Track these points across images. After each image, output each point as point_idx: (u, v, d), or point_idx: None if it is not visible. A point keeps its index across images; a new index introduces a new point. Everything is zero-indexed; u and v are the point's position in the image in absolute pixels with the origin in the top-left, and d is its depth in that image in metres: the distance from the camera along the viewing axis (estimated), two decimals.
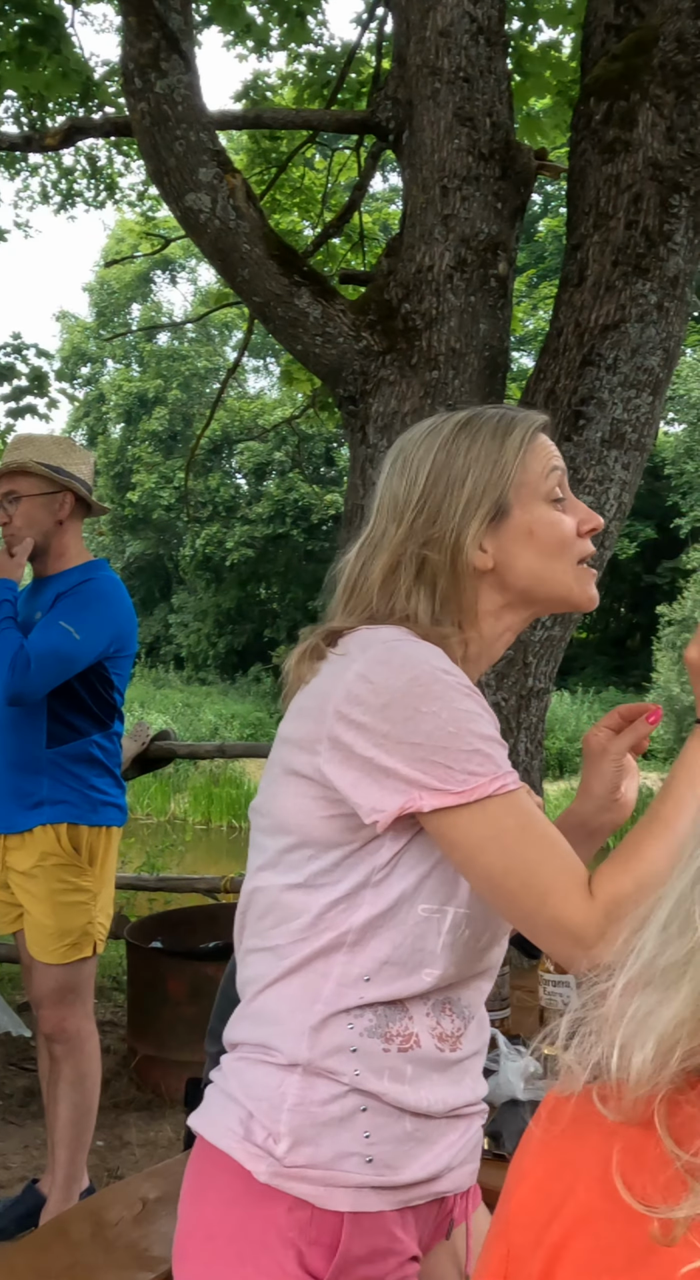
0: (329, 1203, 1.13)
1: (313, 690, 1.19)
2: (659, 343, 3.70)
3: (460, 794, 1.09)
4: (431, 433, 1.27)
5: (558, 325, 3.81)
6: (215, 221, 3.62)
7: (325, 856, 1.16)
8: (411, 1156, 1.16)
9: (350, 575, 1.26)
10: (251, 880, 1.24)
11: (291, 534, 27.65)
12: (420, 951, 1.15)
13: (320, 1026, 1.14)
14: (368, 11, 7.53)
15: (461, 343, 3.72)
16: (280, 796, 1.20)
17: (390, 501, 1.26)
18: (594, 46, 4.20)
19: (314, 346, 3.75)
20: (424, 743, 1.10)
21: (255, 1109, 1.15)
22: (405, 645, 1.15)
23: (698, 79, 3.83)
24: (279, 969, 1.17)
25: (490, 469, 1.23)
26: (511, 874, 1.10)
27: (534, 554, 1.24)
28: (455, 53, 3.80)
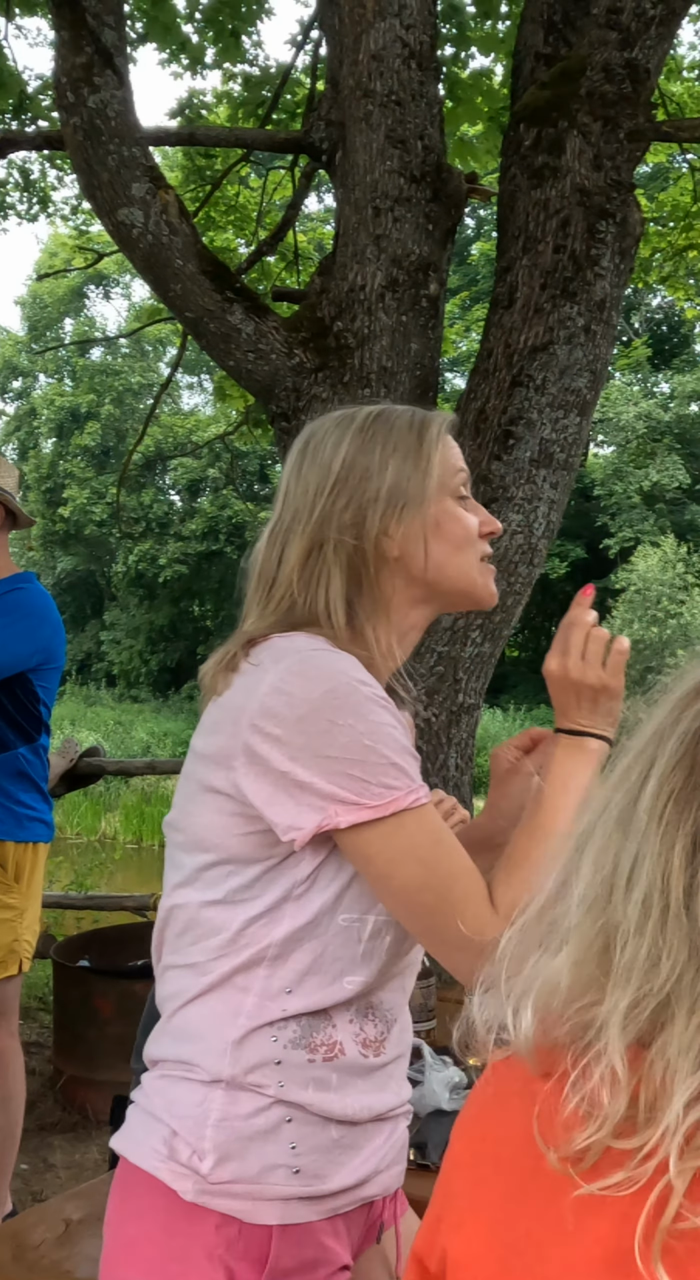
0: (256, 1217, 1.12)
1: (226, 703, 1.18)
2: (586, 364, 3.77)
3: (376, 808, 1.09)
4: (342, 422, 1.28)
5: (487, 346, 3.86)
6: (148, 237, 3.62)
7: (244, 872, 1.15)
8: (338, 1164, 1.16)
9: (265, 566, 1.25)
10: (169, 897, 1.23)
11: (225, 551, 27.57)
12: (341, 960, 1.15)
13: (242, 1041, 1.13)
14: (302, 33, 7.61)
15: (393, 361, 3.75)
16: (197, 813, 1.19)
17: (301, 489, 1.24)
18: (524, 74, 4.28)
19: (246, 363, 3.76)
20: (340, 756, 1.09)
21: (179, 1127, 1.14)
22: (320, 655, 1.14)
23: (624, 109, 3.93)
24: (199, 985, 1.16)
25: (407, 460, 1.24)
26: (427, 888, 1.10)
27: (442, 547, 1.25)
28: (387, 76, 3.85)
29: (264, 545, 1.26)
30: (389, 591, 1.24)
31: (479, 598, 1.30)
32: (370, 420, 1.26)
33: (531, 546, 3.67)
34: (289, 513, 1.25)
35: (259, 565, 1.26)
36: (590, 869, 0.72)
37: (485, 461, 3.68)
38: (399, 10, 3.88)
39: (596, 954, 0.70)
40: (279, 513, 1.27)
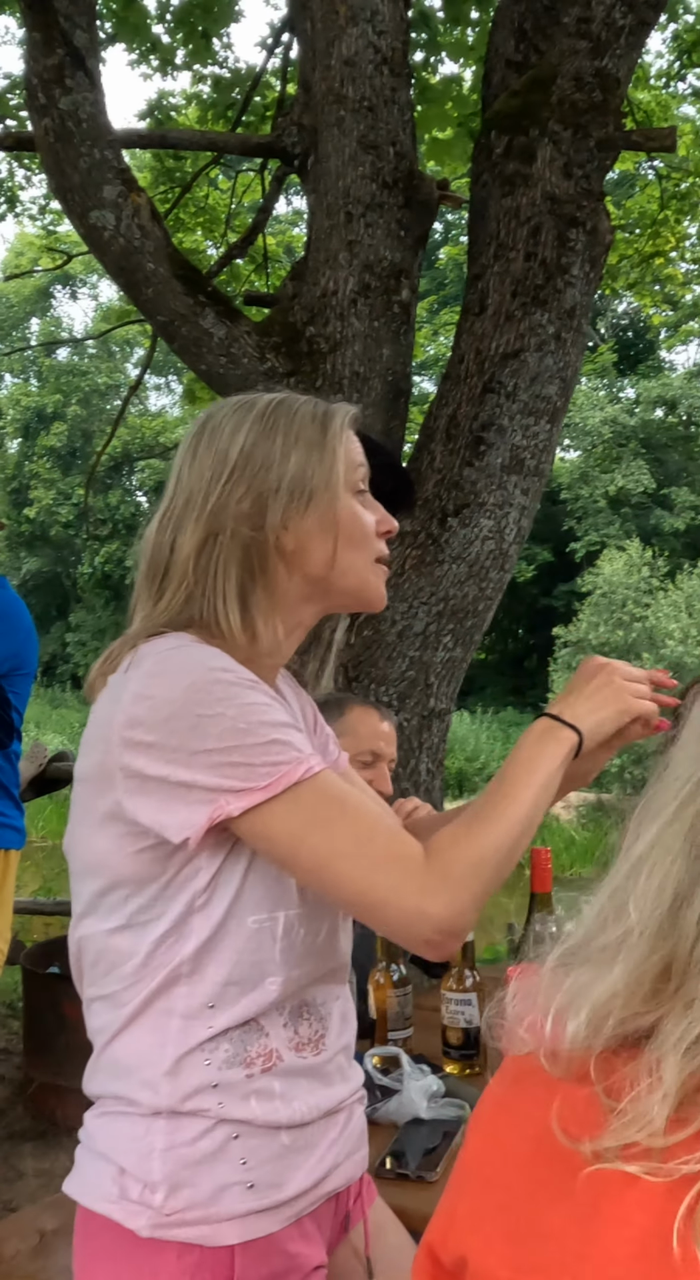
0: (216, 1240, 1.10)
1: (94, 719, 1.15)
2: (556, 372, 3.79)
3: (267, 787, 1.05)
4: (242, 408, 1.23)
5: (459, 352, 3.87)
6: (120, 239, 3.61)
7: (143, 893, 1.11)
8: (294, 1168, 1.14)
9: (156, 554, 1.20)
10: (76, 928, 1.19)
11: None
12: (259, 964, 1.12)
13: (175, 1070, 1.10)
14: (272, 36, 7.61)
15: (365, 367, 3.76)
16: (85, 838, 1.15)
17: (195, 474, 1.20)
18: (495, 81, 4.30)
19: (218, 366, 3.75)
20: (216, 746, 1.05)
21: (126, 1163, 1.11)
22: (178, 653, 1.11)
23: (594, 117, 3.96)
24: (121, 1017, 1.13)
25: (311, 452, 1.20)
26: (339, 856, 1.06)
27: (335, 542, 1.21)
28: (360, 82, 3.86)
29: (154, 532, 1.22)
30: (282, 586, 1.20)
31: (369, 598, 1.26)
32: (271, 408, 1.22)
33: (503, 552, 3.68)
34: (181, 498, 1.20)
35: (149, 553, 1.21)
36: (653, 894, 0.72)
37: (457, 467, 3.69)
38: (371, 16, 3.90)
39: (654, 976, 0.70)
40: (170, 498, 1.22)
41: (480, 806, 1.12)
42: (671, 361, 28.45)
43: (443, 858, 1.07)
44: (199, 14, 5.46)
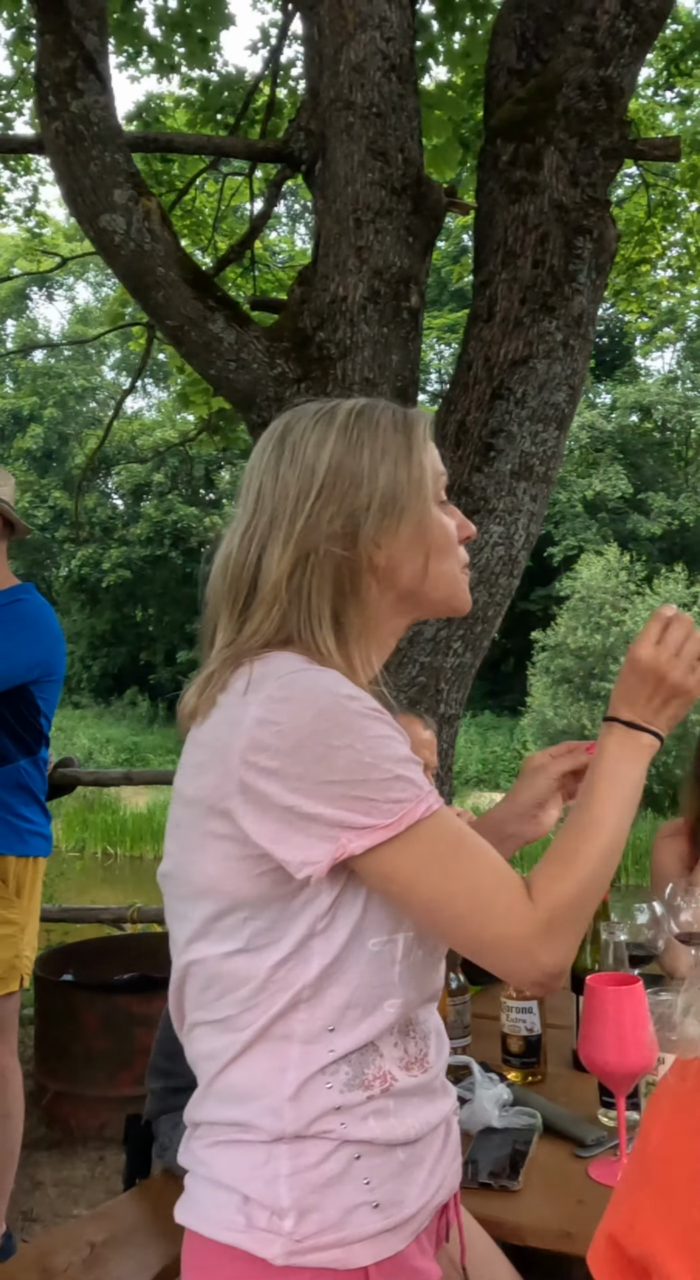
0: (350, 1262, 1.08)
1: (208, 740, 1.13)
2: (564, 379, 3.81)
3: (389, 826, 1.05)
4: (322, 419, 1.21)
5: (467, 359, 3.88)
6: (130, 244, 3.59)
7: (262, 916, 1.10)
8: (410, 1183, 1.14)
9: (241, 569, 1.18)
10: (183, 954, 1.17)
11: (170, 556, 27.39)
12: (378, 986, 1.11)
13: (297, 1096, 1.09)
14: (263, 41, 7.60)
15: (375, 373, 3.76)
16: (199, 862, 1.13)
17: (280, 490, 1.18)
18: (497, 89, 4.32)
19: (228, 371, 3.74)
20: (342, 779, 1.04)
21: (250, 1191, 1.09)
22: (302, 677, 1.09)
23: (599, 126, 3.98)
24: (238, 1042, 1.11)
25: (398, 466, 1.19)
26: (455, 897, 1.07)
27: (427, 555, 1.20)
28: (368, 88, 3.86)
29: (235, 548, 1.19)
30: (375, 603, 1.20)
31: (459, 605, 1.27)
32: (354, 419, 1.20)
33: (512, 558, 3.70)
34: (265, 515, 1.18)
35: (231, 570, 1.19)
36: None
37: (466, 473, 3.71)
38: (379, 23, 3.90)
39: None
40: (252, 513, 1.19)
41: (573, 837, 1.12)
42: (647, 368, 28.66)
43: (549, 901, 1.07)
44: (197, 17, 5.45)
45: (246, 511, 1.21)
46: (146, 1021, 3.27)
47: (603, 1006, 1.31)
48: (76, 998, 3.31)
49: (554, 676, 20.25)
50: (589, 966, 1.69)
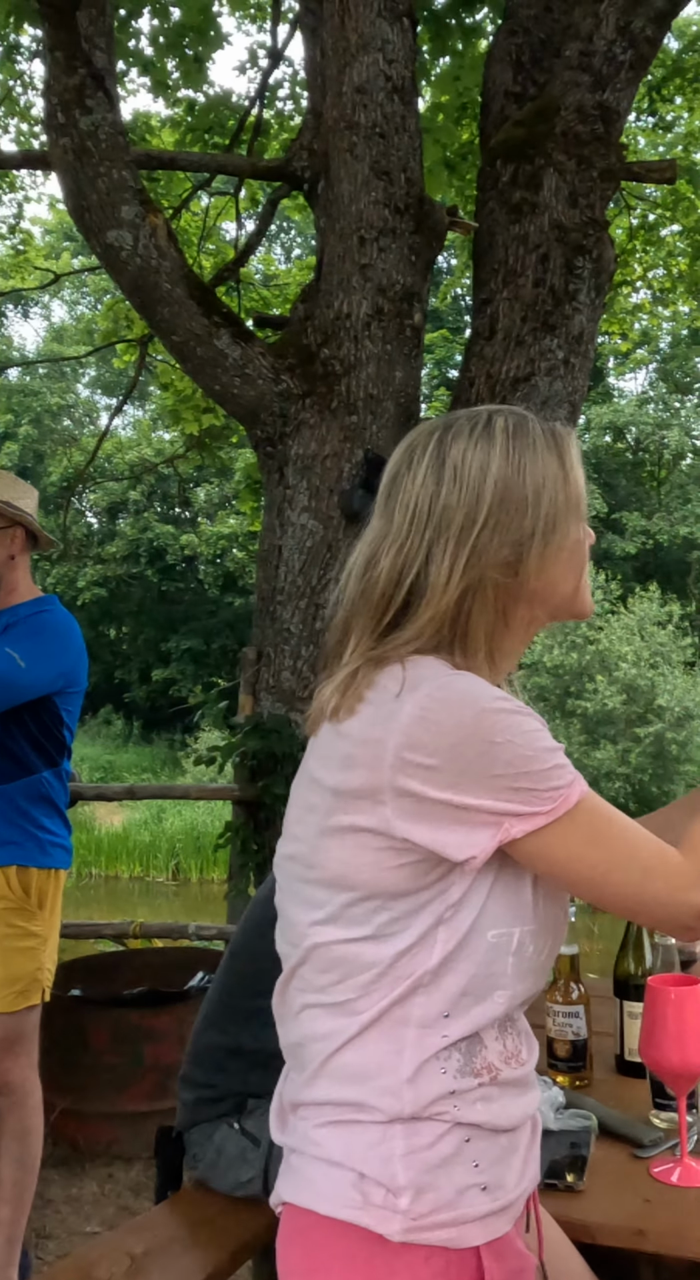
0: (464, 1241, 1.10)
1: (356, 734, 1.14)
2: (565, 396, 3.86)
3: (550, 811, 1.10)
4: (482, 436, 1.20)
5: (469, 376, 3.92)
6: (136, 260, 3.61)
7: (395, 906, 1.13)
8: (510, 1169, 1.16)
9: (394, 586, 1.17)
10: (307, 935, 1.18)
11: (146, 574, 27.29)
12: (492, 976, 1.14)
13: (414, 1078, 1.12)
14: (251, 62, 7.67)
15: (379, 389, 3.80)
16: (334, 850, 1.15)
17: (442, 510, 1.17)
18: (494, 111, 4.38)
19: (232, 387, 3.76)
20: (506, 772, 1.09)
21: (366, 1169, 1.11)
22: (457, 680, 1.12)
23: (597, 148, 4.05)
24: (355, 1024, 1.13)
25: (559, 491, 1.19)
26: (616, 867, 1.13)
27: (571, 572, 1.22)
28: (371, 109, 3.91)
29: (388, 565, 1.18)
30: (525, 620, 1.22)
31: (586, 611, 1.29)
32: (512, 437, 1.20)
33: None
34: (423, 534, 1.17)
35: (381, 585, 1.18)
36: None
37: None
38: (382, 44, 3.95)
39: None
40: (407, 529, 1.18)
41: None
42: (621, 388, 28.93)
43: (696, 855, 1.14)
44: (192, 38, 5.49)
45: (399, 526, 1.19)
46: (155, 1036, 3.25)
47: (664, 1008, 1.33)
48: (84, 1013, 3.28)
49: (530, 694, 19.96)
50: (632, 972, 1.71)
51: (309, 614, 3.70)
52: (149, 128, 8.63)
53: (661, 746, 18.29)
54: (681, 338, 25.69)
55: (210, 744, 5.56)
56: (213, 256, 8.57)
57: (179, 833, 17.78)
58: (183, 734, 23.90)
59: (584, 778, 1.17)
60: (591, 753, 18.58)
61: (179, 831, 17.85)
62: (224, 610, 26.86)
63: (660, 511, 25.51)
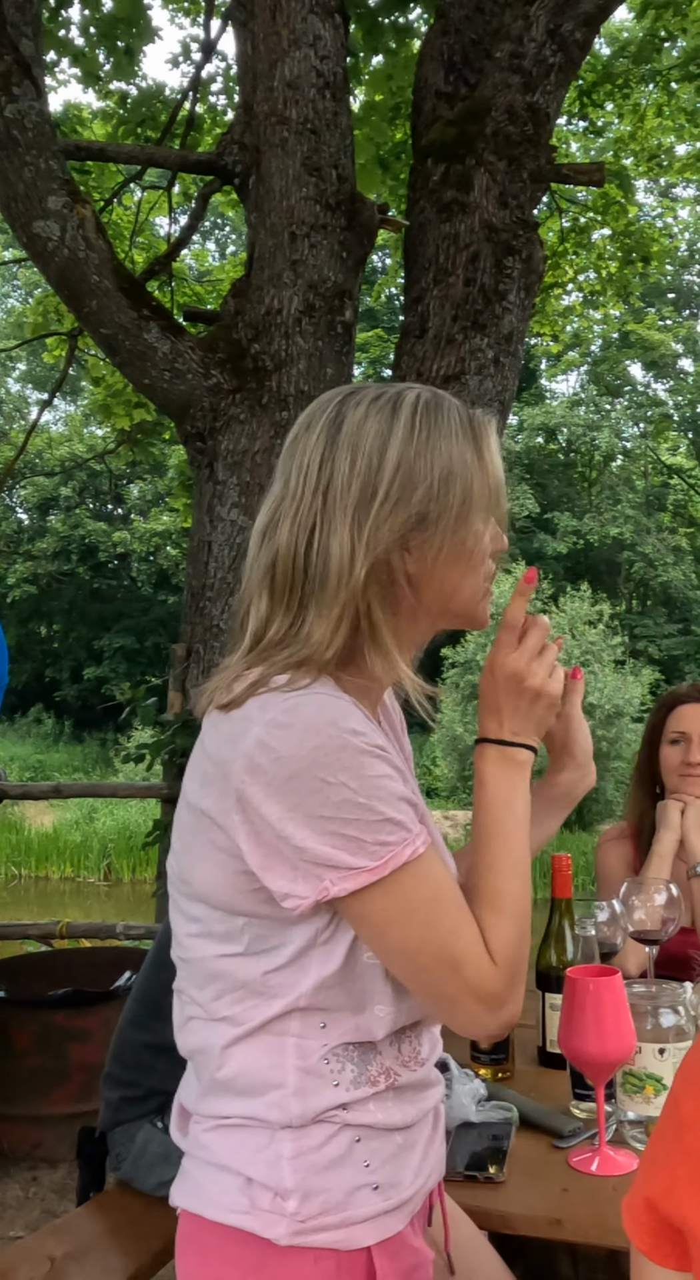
0: (354, 1242, 1.09)
1: (213, 754, 1.11)
2: (495, 395, 3.89)
3: (373, 870, 1.04)
4: (385, 408, 1.13)
5: (400, 373, 3.93)
6: (64, 251, 3.57)
7: (261, 925, 1.10)
8: (405, 1166, 1.15)
9: (293, 557, 1.12)
10: (185, 948, 1.17)
11: (77, 571, 26.99)
12: (370, 994, 1.12)
13: (301, 1091, 1.10)
14: (184, 55, 7.61)
15: (310, 385, 3.79)
16: (201, 867, 1.13)
17: (339, 480, 1.11)
18: (425, 110, 4.39)
19: (162, 381, 3.73)
20: (334, 815, 1.03)
21: (254, 1173, 1.10)
22: (308, 706, 1.06)
23: (527, 149, 4.08)
24: (236, 1037, 1.12)
25: (469, 478, 1.13)
26: (425, 948, 1.06)
27: (461, 569, 1.14)
28: (303, 104, 3.90)
29: (286, 535, 1.13)
30: (420, 615, 1.16)
31: (478, 623, 1.21)
32: (420, 415, 1.13)
33: None
34: (316, 502, 1.12)
35: (281, 558, 1.12)
36: None
37: None
38: (314, 41, 3.95)
39: None
40: (299, 497, 1.13)
41: (493, 878, 1.13)
42: (553, 390, 29.26)
43: (505, 955, 1.08)
44: (123, 29, 5.43)
45: (294, 489, 1.14)
46: (81, 1037, 3.21)
47: (583, 998, 1.34)
48: (8, 1015, 3.23)
49: (463, 692, 20.44)
50: (554, 965, 1.73)
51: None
52: (80, 119, 8.55)
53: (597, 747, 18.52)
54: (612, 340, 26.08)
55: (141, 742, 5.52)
56: (145, 251, 8.50)
57: (111, 833, 17.62)
58: (114, 733, 23.69)
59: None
60: None
61: (111, 831, 17.69)
62: (157, 608, 26.67)
63: (591, 512, 25.86)
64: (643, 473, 27.56)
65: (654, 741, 2.39)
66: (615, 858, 2.37)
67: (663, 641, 24.63)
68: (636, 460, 27.46)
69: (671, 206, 20.32)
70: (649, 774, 2.41)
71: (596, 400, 27.41)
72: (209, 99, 7.58)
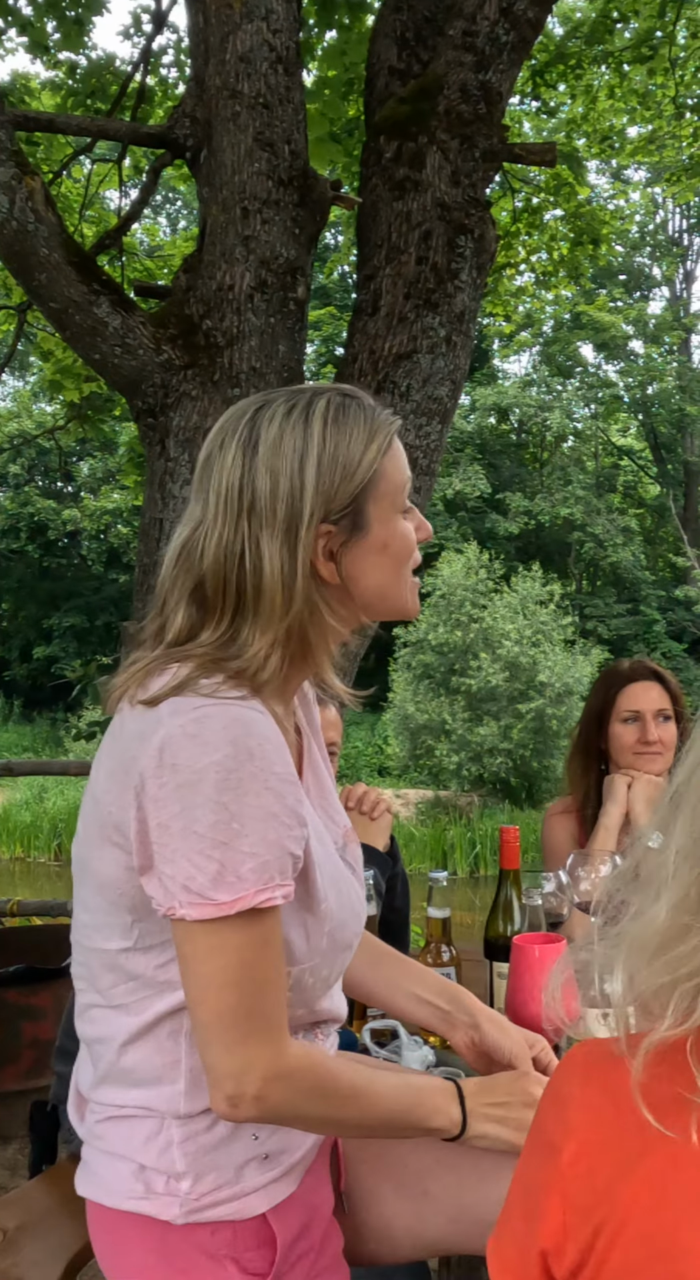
0: (248, 1212, 1.15)
1: (120, 750, 1.12)
2: (447, 374, 3.90)
3: (220, 905, 1.04)
4: (296, 421, 1.15)
5: (352, 352, 3.93)
6: (12, 223, 3.52)
7: (149, 920, 1.12)
8: (295, 1132, 1.20)
9: (221, 582, 1.14)
10: (84, 937, 1.19)
11: (27, 549, 26.70)
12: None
13: (193, 1089, 1.13)
14: (135, 27, 7.51)
15: (262, 362, 3.78)
16: (96, 858, 1.14)
17: (264, 490, 1.13)
18: (378, 87, 4.38)
19: (112, 356, 3.70)
20: (206, 834, 1.03)
21: (146, 1160, 1.14)
22: (218, 718, 1.06)
23: (479, 128, 4.09)
24: (131, 1028, 1.14)
25: (372, 478, 1.16)
26: (214, 995, 1.06)
27: (384, 569, 1.18)
28: (255, 78, 3.87)
29: (211, 557, 1.14)
30: (335, 613, 1.18)
31: (408, 614, 1.25)
32: (330, 422, 1.16)
33: None
34: (234, 518, 1.14)
35: (210, 580, 1.14)
36: (687, 822, 0.77)
37: None
38: (266, 14, 3.91)
39: (694, 902, 0.75)
40: (220, 512, 1.14)
41: (353, 1104, 1.14)
42: (505, 370, 29.35)
43: (273, 1104, 1.08)
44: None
45: (214, 512, 1.15)
46: (32, 1014, 3.22)
47: (529, 964, 1.37)
48: None
49: (415, 672, 20.54)
50: (502, 933, 1.76)
51: None
52: (28, 90, 8.41)
53: (542, 722, 18.71)
54: (564, 321, 26.18)
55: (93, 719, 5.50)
56: (95, 225, 8.40)
57: (61, 812, 17.56)
58: (65, 712, 23.53)
59: (471, 751, 1.14)
60: (475, 729, 18.91)
61: (61, 811, 17.62)
62: (108, 587, 26.47)
63: (542, 492, 26.01)
64: (593, 454, 27.76)
65: (602, 720, 2.43)
66: (561, 831, 2.41)
67: (612, 621, 24.89)
68: (587, 441, 27.65)
69: (623, 190, 20.43)
70: (595, 751, 2.45)
71: (548, 381, 27.55)
72: (160, 71, 7.51)
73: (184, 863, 1.03)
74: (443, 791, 19.15)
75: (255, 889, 1.04)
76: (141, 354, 3.69)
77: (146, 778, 1.05)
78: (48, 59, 7.01)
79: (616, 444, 27.96)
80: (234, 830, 1.03)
